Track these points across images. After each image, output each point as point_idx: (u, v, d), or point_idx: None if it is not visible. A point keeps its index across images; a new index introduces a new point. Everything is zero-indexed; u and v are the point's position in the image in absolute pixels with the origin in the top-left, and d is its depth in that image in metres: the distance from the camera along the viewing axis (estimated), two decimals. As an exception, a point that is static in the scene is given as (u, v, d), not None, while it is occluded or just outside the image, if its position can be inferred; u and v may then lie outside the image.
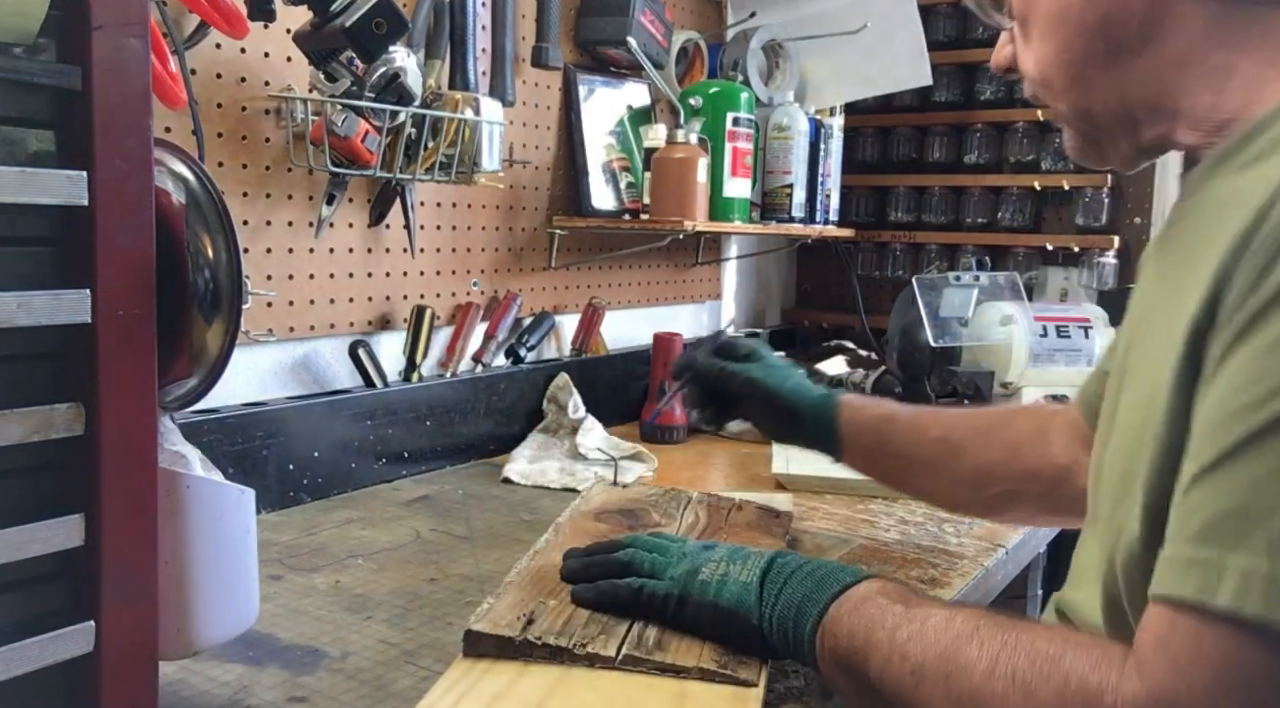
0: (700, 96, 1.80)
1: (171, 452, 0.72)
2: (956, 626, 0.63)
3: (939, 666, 0.61)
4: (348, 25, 1.09)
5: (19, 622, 0.57)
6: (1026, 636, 0.58)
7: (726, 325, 1.14)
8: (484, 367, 1.58)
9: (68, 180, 0.56)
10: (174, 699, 0.77)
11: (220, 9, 1.05)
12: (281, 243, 1.31)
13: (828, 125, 2.10)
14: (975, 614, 0.63)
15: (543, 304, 1.76)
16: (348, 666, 0.84)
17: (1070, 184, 2.22)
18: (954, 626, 0.63)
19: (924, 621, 0.65)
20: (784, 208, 1.99)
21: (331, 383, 1.41)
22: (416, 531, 1.20)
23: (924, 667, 0.62)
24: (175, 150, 0.72)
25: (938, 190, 2.39)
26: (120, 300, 0.59)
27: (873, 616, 0.69)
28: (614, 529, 1.06)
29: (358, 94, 1.23)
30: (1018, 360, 1.73)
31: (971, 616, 0.63)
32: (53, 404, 0.57)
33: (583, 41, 1.76)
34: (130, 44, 0.58)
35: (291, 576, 1.04)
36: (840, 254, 2.48)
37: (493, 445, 1.57)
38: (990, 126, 2.33)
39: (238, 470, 1.19)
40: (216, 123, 1.22)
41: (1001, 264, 2.32)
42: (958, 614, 0.64)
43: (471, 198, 1.58)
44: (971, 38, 2.33)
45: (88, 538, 0.59)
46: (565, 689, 0.73)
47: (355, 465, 1.36)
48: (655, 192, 1.69)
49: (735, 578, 0.78)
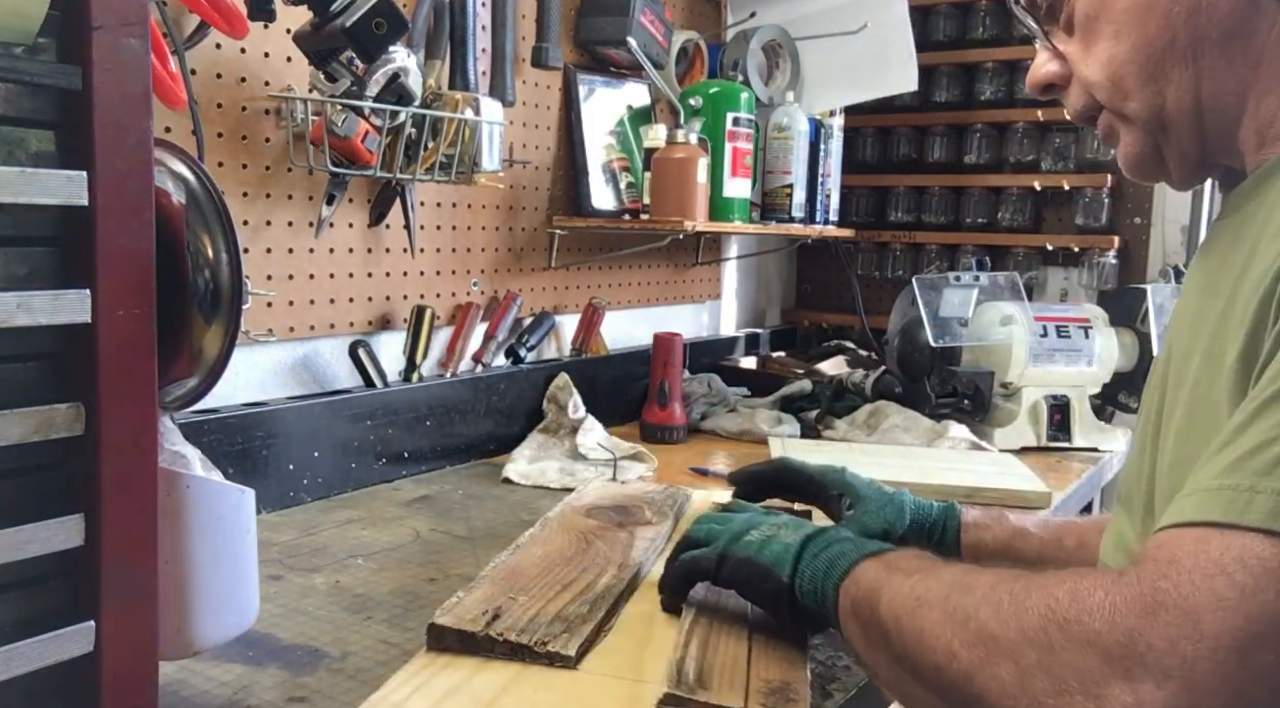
0: (700, 96, 1.80)
1: (171, 452, 0.72)
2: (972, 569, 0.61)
3: (942, 591, 0.60)
4: (348, 25, 1.09)
5: (19, 622, 0.57)
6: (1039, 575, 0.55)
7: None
8: (484, 367, 1.58)
9: (68, 180, 0.56)
10: (174, 699, 0.77)
11: (220, 9, 1.05)
12: (281, 243, 1.31)
13: (828, 125, 2.10)
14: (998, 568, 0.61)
15: (543, 304, 1.76)
16: (348, 666, 0.84)
17: (1070, 184, 2.22)
18: (969, 568, 0.62)
19: (943, 567, 0.64)
20: (784, 208, 1.99)
21: (331, 383, 1.41)
22: (416, 530, 1.20)
23: (929, 593, 0.60)
24: (175, 150, 0.72)
25: (938, 190, 2.39)
26: (120, 300, 0.59)
27: (896, 565, 0.68)
28: (603, 525, 1.06)
29: (358, 94, 1.23)
30: (1018, 360, 1.73)
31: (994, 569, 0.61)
32: (53, 404, 0.57)
33: (583, 41, 1.76)
34: (130, 44, 0.58)
35: (291, 576, 1.04)
36: (840, 254, 2.48)
37: (493, 445, 1.57)
38: (990, 126, 2.33)
39: (238, 470, 1.19)
40: (216, 123, 1.22)
41: (1001, 264, 2.32)
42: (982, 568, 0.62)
43: (471, 198, 1.58)
44: (971, 38, 2.33)
45: (88, 538, 0.59)
46: (520, 688, 0.73)
47: (355, 465, 1.36)
48: (655, 192, 1.69)
49: (780, 539, 0.78)
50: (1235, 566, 0.43)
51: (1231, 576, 0.43)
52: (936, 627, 0.57)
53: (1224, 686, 0.42)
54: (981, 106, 2.33)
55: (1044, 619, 0.49)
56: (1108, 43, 0.67)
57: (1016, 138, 2.29)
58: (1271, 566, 0.43)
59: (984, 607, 0.54)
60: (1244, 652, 0.42)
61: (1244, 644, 0.42)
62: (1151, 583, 0.46)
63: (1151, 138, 0.69)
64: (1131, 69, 0.66)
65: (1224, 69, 0.63)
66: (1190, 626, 0.43)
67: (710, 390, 1.92)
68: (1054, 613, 0.49)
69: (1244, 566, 0.43)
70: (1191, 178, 0.71)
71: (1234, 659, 0.42)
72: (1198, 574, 0.44)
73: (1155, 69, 0.65)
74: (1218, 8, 0.62)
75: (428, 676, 0.74)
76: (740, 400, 1.92)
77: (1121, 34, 0.66)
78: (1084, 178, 2.21)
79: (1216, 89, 0.64)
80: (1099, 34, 0.68)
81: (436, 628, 0.79)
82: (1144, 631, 0.44)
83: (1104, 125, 0.72)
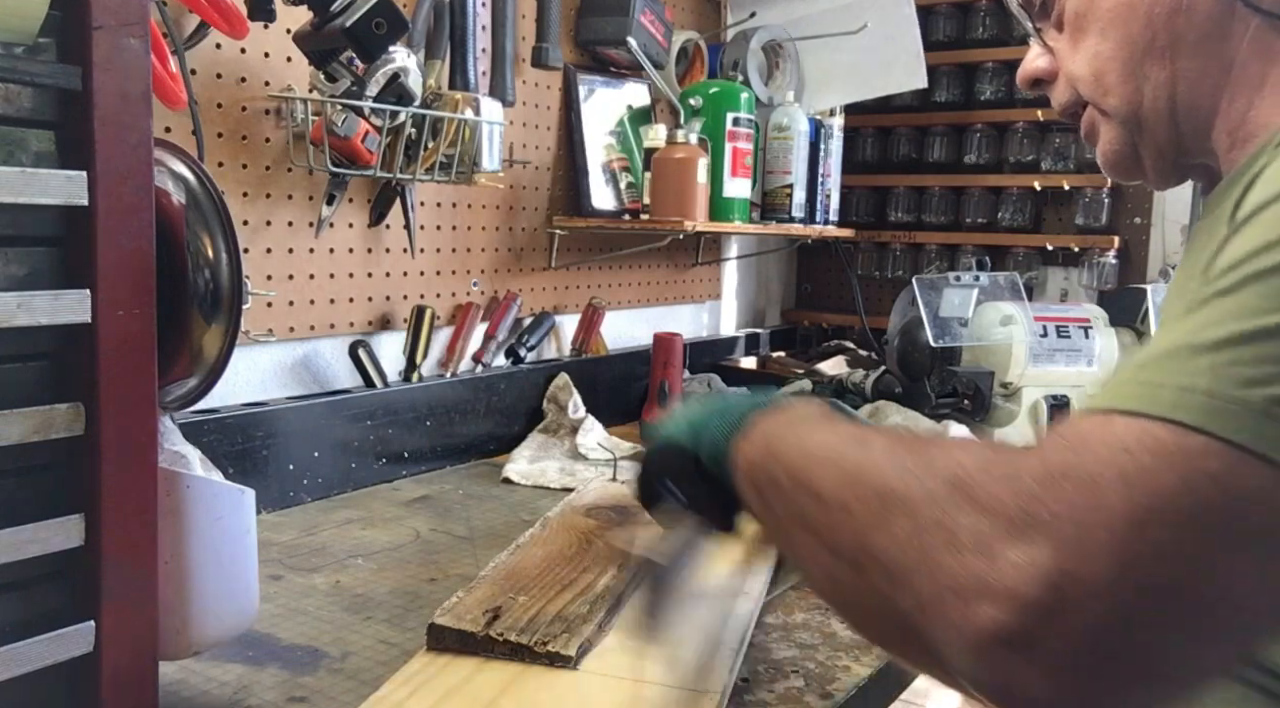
0: (700, 96, 1.80)
1: (171, 452, 0.72)
2: (870, 426, 0.61)
3: (839, 445, 0.58)
4: (348, 25, 1.09)
5: (19, 622, 0.57)
6: (944, 440, 0.54)
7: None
8: (484, 367, 1.58)
9: (68, 180, 0.56)
10: (174, 699, 0.77)
11: (220, 9, 1.05)
12: (281, 243, 1.31)
13: (828, 125, 2.10)
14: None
15: (543, 304, 1.76)
16: (348, 666, 0.84)
17: (1070, 184, 2.22)
18: (867, 426, 0.62)
19: (841, 421, 0.63)
20: (784, 208, 1.99)
21: (331, 383, 1.41)
22: (416, 530, 1.20)
23: (823, 448, 0.59)
24: (175, 150, 0.72)
25: (938, 190, 2.39)
26: (120, 300, 0.59)
27: (791, 417, 0.67)
28: (603, 525, 1.06)
29: (358, 94, 1.23)
30: (1018, 360, 1.73)
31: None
32: (53, 404, 0.57)
33: (583, 41, 1.76)
34: (130, 44, 0.58)
35: (291, 576, 1.04)
36: (840, 254, 2.48)
37: (493, 445, 1.57)
38: (990, 126, 2.33)
39: (238, 470, 1.19)
40: (216, 123, 1.22)
41: (1001, 264, 2.31)
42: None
43: (471, 198, 1.58)
44: (971, 38, 2.33)
45: (88, 538, 0.59)
46: (520, 688, 0.73)
47: (355, 465, 1.36)
48: (655, 192, 1.69)
49: (679, 416, 0.77)
50: (1138, 446, 0.44)
51: (1135, 454, 0.44)
52: (830, 484, 0.56)
53: (1114, 556, 0.43)
54: (981, 106, 2.33)
55: (946, 480, 0.49)
56: (1094, 39, 0.70)
57: (1016, 138, 2.29)
58: (1171, 449, 0.44)
59: (884, 464, 0.53)
60: (1139, 525, 0.43)
61: (1140, 518, 0.43)
62: (1059, 455, 0.47)
63: (1129, 135, 0.71)
64: (1114, 65, 0.69)
65: (1199, 71, 0.65)
66: (1092, 495, 0.44)
67: (710, 391, 1.92)
68: (957, 476, 0.49)
69: (1145, 447, 0.44)
70: (1168, 177, 0.73)
71: (1129, 532, 0.43)
72: (1104, 450, 0.45)
73: (1135, 66, 0.68)
74: (1196, 11, 0.64)
75: (428, 676, 0.74)
76: (740, 400, 1.91)
77: (1107, 31, 0.69)
78: (1084, 178, 2.21)
79: (1191, 89, 0.66)
80: (1086, 31, 0.71)
81: (436, 628, 0.79)
82: (1045, 497, 0.45)
83: (1086, 122, 0.74)
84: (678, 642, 0.82)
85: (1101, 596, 0.42)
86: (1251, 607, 0.44)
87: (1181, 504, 0.43)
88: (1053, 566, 0.43)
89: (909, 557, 0.48)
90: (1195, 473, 0.43)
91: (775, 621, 0.93)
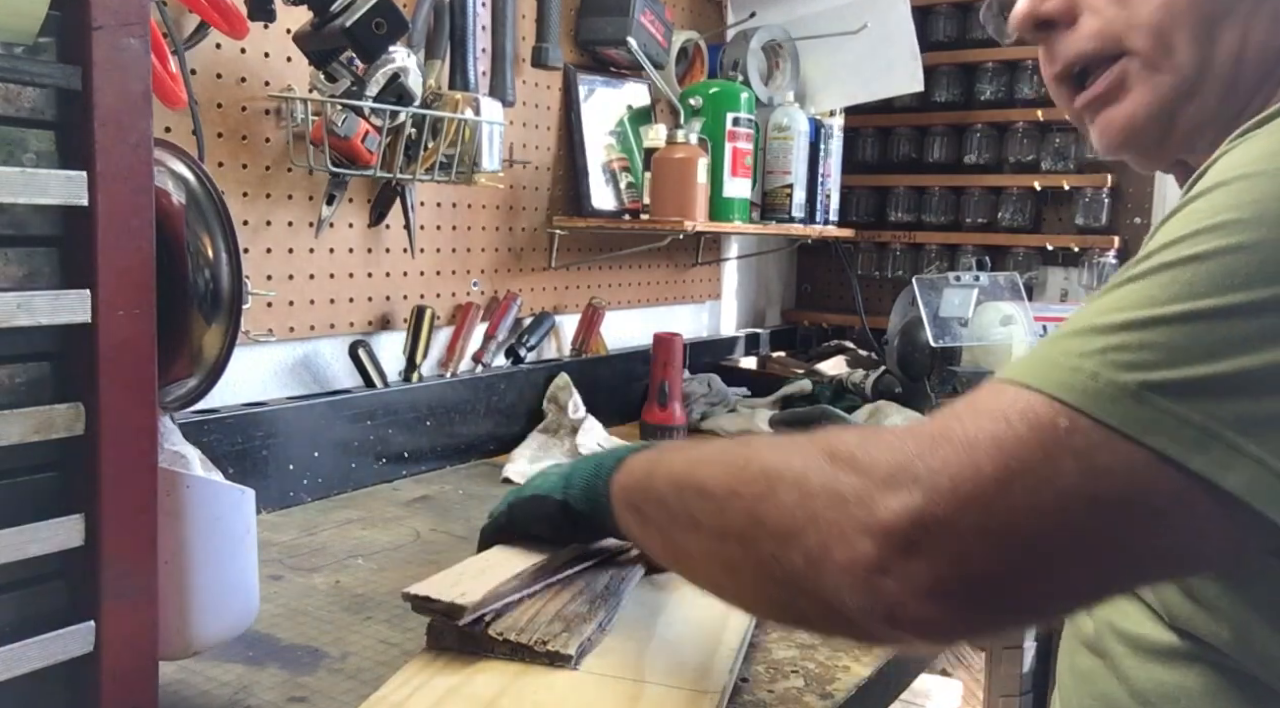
0: (700, 96, 1.80)
1: (171, 452, 0.72)
2: (747, 438, 0.65)
3: (718, 449, 0.62)
4: (348, 25, 1.09)
5: (19, 622, 0.57)
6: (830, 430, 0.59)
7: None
8: (484, 367, 1.58)
9: (68, 180, 0.56)
10: (174, 699, 0.77)
11: (220, 9, 1.05)
12: (281, 243, 1.31)
13: (828, 125, 2.10)
14: None
15: (543, 304, 1.76)
16: (348, 666, 0.84)
17: (1070, 184, 2.22)
18: (744, 438, 0.67)
19: (716, 440, 0.68)
20: (784, 208, 1.99)
21: (331, 383, 1.41)
22: (416, 530, 1.20)
23: (704, 455, 0.63)
24: (175, 150, 0.72)
25: (938, 190, 2.39)
26: (120, 300, 0.59)
27: (665, 448, 0.71)
28: None
29: (358, 94, 1.23)
30: (1018, 360, 1.73)
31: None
32: (53, 404, 0.57)
33: (583, 41, 1.76)
34: (130, 44, 0.58)
35: (291, 576, 1.04)
36: (840, 254, 2.48)
37: (493, 445, 1.57)
38: (990, 126, 2.33)
39: (238, 470, 1.19)
40: (216, 123, 1.22)
41: (1001, 264, 2.31)
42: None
43: (471, 198, 1.58)
44: (971, 38, 2.33)
45: (88, 538, 0.59)
46: (520, 688, 0.73)
47: (355, 465, 1.36)
48: (655, 192, 1.69)
49: (555, 471, 0.84)
50: (1018, 416, 0.48)
51: (1012, 423, 0.48)
52: (716, 477, 0.60)
53: (976, 506, 0.47)
54: (981, 106, 2.33)
55: (829, 453, 0.53)
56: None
57: (1016, 138, 2.29)
58: (1044, 423, 0.47)
59: (767, 452, 0.58)
60: (1002, 484, 0.46)
61: (1004, 479, 0.47)
62: (946, 421, 0.50)
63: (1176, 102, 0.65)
64: (1187, 20, 0.62)
65: (1269, 27, 0.61)
66: (966, 455, 0.48)
67: (710, 390, 1.92)
68: (838, 449, 0.53)
69: (1024, 418, 0.48)
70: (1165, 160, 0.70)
71: (992, 488, 0.47)
72: (985, 418, 0.49)
73: (1210, 25, 0.62)
74: None
75: (428, 676, 0.74)
76: (740, 401, 1.92)
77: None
78: (1084, 178, 2.21)
79: (1265, 43, 0.62)
80: None
81: (434, 629, 0.79)
82: (924, 456, 0.49)
83: (1113, 77, 0.67)
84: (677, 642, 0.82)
85: (959, 535, 0.47)
86: (1101, 566, 0.48)
87: (1043, 472, 0.47)
88: (921, 508, 0.47)
89: (797, 519, 0.52)
90: (1061, 447, 0.47)
91: (775, 621, 0.93)
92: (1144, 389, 0.46)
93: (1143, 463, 0.46)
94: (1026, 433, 0.47)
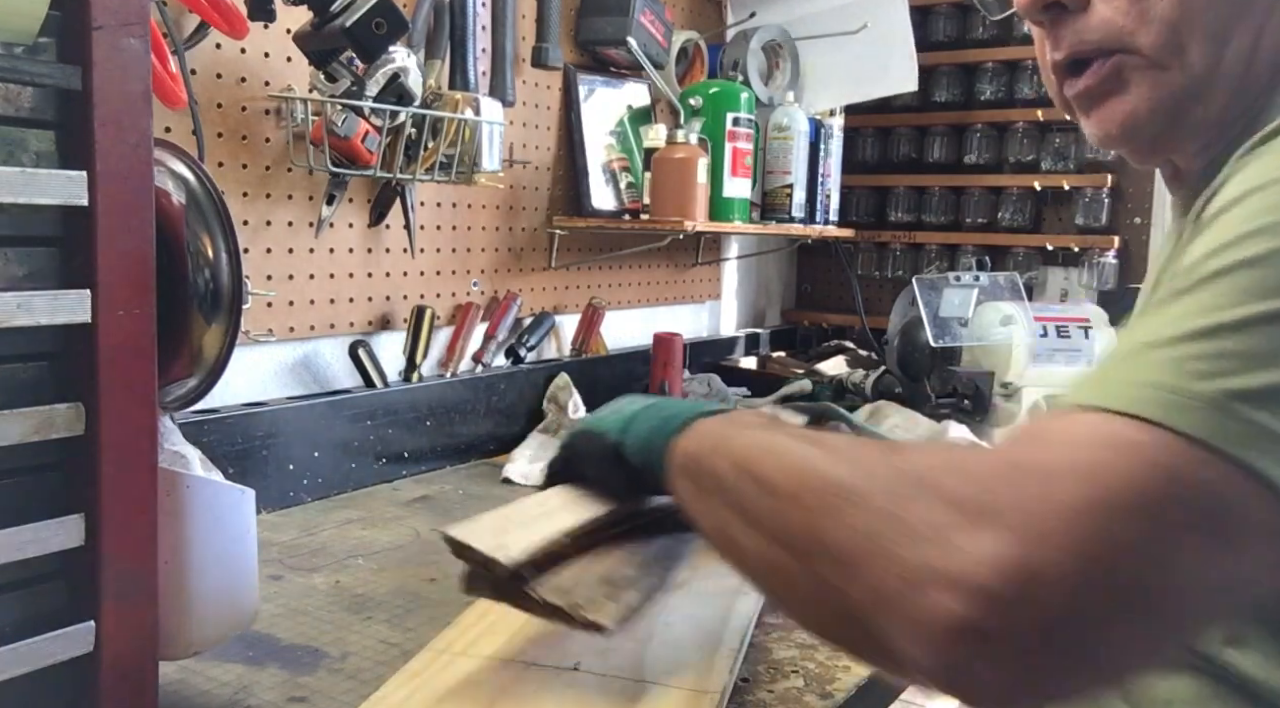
0: (700, 96, 1.80)
1: (171, 452, 0.72)
2: (826, 432, 0.60)
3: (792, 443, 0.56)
4: (348, 25, 1.09)
5: (19, 622, 0.57)
6: (908, 443, 0.54)
7: None
8: (484, 367, 1.58)
9: (68, 180, 0.56)
10: (174, 699, 0.77)
11: (220, 9, 1.05)
12: (281, 243, 1.31)
13: (828, 125, 2.10)
14: None
15: (543, 304, 1.76)
16: (348, 666, 0.84)
17: (1070, 184, 2.22)
18: (822, 431, 0.61)
19: (791, 426, 0.61)
20: (784, 208, 1.99)
21: (331, 383, 1.41)
22: (416, 530, 1.20)
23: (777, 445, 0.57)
24: (175, 150, 0.72)
25: (938, 190, 2.39)
26: (120, 300, 0.59)
27: (739, 421, 0.65)
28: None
29: (358, 94, 1.23)
30: (1018, 361, 1.73)
31: None
32: (53, 404, 0.57)
33: (583, 41, 1.76)
34: (130, 44, 0.58)
35: (291, 576, 1.04)
36: (840, 254, 2.48)
37: (493, 445, 1.57)
38: (990, 126, 2.33)
39: (238, 470, 1.19)
40: (216, 123, 1.22)
41: (1001, 264, 2.31)
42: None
43: (471, 198, 1.58)
44: (971, 38, 2.33)
45: (88, 538, 0.59)
46: (520, 688, 0.73)
47: (355, 465, 1.36)
48: (655, 192, 1.69)
49: (625, 410, 0.77)
50: (1095, 440, 0.45)
51: (1090, 448, 0.44)
52: (784, 474, 0.54)
53: (1068, 547, 0.42)
54: (981, 106, 2.33)
55: (901, 474, 0.48)
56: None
57: (1016, 138, 2.29)
58: (1125, 443, 0.44)
59: (836, 458, 0.52)
60: (1090, 516, 0.42)
61: (1091, 510, 0.42)
62: (1018, 450, 0.47)
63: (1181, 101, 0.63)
64: (1205, 19, 0.61)
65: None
66: (1042, 487, 0.44)
67: (710, 390, 1.92)
68: (911, 471, 0.48)
69: (1101, 440, 0.44)
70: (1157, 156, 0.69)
71: (1080, 522, 0.42)
72: (1059, 445, 0.45)
73: (1225, 24, 0.60)
74: None
75: (428, 676, 0.74)
76: (740, 400, 1.92)
77: None
78: (1084, 178, 2.21)
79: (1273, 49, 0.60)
80: None
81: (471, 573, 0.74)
82: (1000, 489, 0.44)
83: (1111, 68, 0.65)
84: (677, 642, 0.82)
85: (1059, 587, 0.42)
86: (1199, 597, 0.44)
87: (1132, 496, 0.43)
88: (1009, 556, 0.42)
89: (862, 547, 0.47)
90: (1147, 466, 0.43)
91: (775, 621, 0.93)
92: (1226, 397, 0.44)
93: (1239, 479, 0.43)
94: (1106, 456, 0.44)
